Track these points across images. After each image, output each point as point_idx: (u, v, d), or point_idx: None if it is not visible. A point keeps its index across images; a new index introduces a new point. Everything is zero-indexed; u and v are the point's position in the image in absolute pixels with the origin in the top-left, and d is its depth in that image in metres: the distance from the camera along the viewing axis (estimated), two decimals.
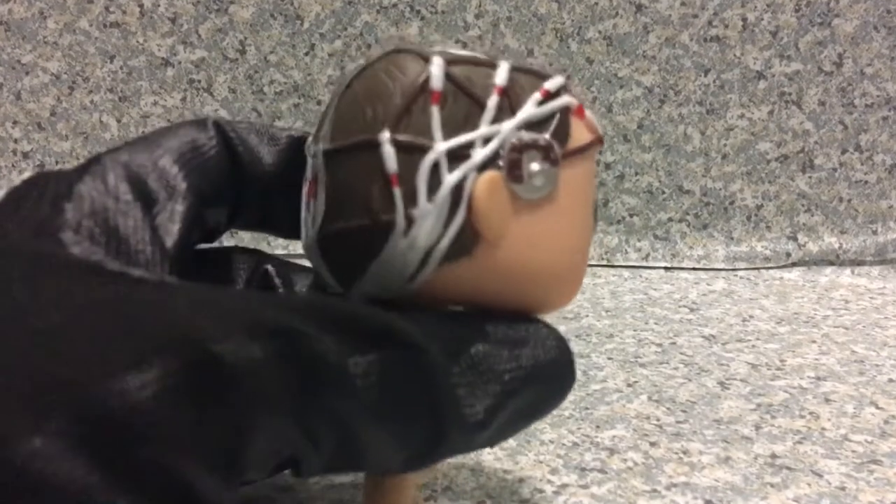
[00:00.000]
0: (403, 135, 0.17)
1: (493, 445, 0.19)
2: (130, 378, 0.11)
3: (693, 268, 0.56)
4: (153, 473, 0.11)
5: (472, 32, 0.54)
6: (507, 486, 0.25)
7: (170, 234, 0.17)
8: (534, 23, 0.54)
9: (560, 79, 0.18)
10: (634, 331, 0.41)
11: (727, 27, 0.55)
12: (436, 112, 0.17)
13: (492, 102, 0.17)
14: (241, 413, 0.13)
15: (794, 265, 0.57)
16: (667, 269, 0.56)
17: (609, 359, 0.37)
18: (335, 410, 0.15)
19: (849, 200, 0.58)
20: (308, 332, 0.14)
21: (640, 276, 0.54)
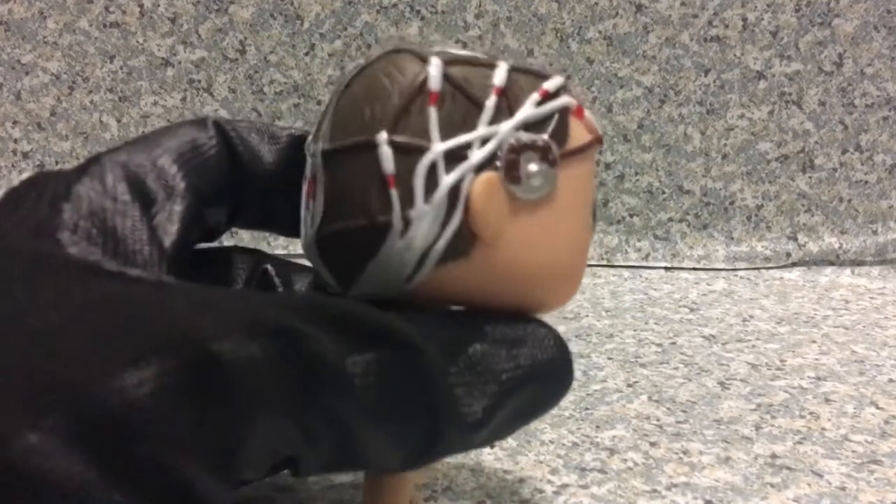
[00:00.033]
0: (401, 136, 0.17)
1: (492, 444, 0.19)
2: (128, 376, 0.11)
3: (693, 268, 0.56)
4: (150, 470, 0.11)
5: (472, 32, 0.54)
6: (507, 487, 0.25)
7: (168, 235, 0.17)
8: (534, 23, 0.54)
9: (559, 79, 0.18)
10: (634, 331, 0.41)
11: (727, 27, 0.55)
12: (433, 113, 0.17)
13: (490, 103, 0.17)
14: (239, 412, 0.13)
15: (795, 265, 0.57)
16: (667, 269, 0.56)
17: (609, 359, 0.37)
18: (333, 410, 0.15)
19: (849, 200, 0.58)
20: (306, 332, 0.14)
21: (641, 276, 0.54)
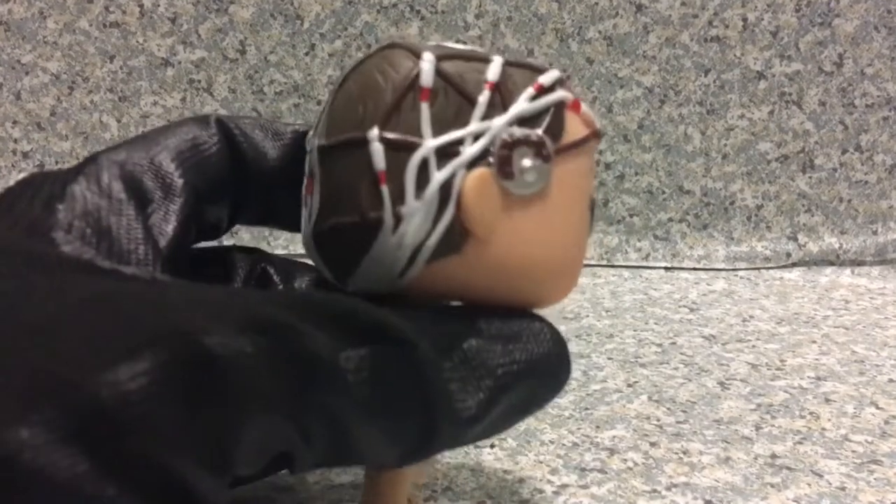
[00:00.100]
0: (392, 132, 0.17)
1: (488, 438, 0.19)
2: (121, 370, 0.11)
3: (693, 268, 0.56)
4: (143, 464, 0.11)
5: (472, 32, 0.54)
6: (507, 487, 0.25)
7: (163, 234, 0.17)
8: (534, 23, 0.54)
9: (555, 73, 0.18)
10: (634, 331, 0.41)
11: (727, 27, 0.55)
12: (425, 109, 0.17)
13: (483, 98, 0.17)
14: (232, 406, 0.13)
15: (795, 265, 0.57)
16: (667, 269, 0.56)
17: (609, 359, 0.37)
18: (327, 406, 0.15)
19: (849, 200, 0.58)
20: (299, 328, 0.14)
21: (641, 276, 0.54)
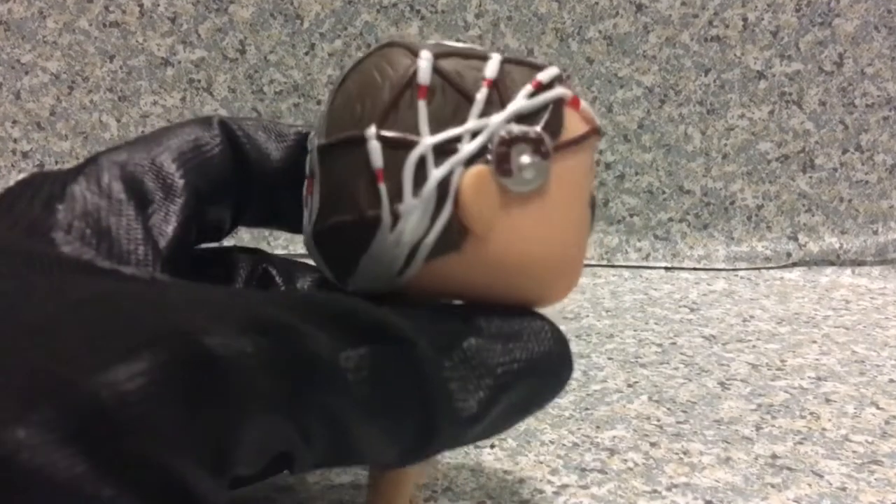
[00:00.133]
0: (390, 130, 0.17)
1: (489, 438, 0.18)
2: (120, 370, 0.11)
3: (693, 268, 0.56)
4: (142, 465, 0.11)
5: (473, 32, 0.54)
6: (508, 487, 0.25)
7: (163, 235, 0.17)
8: (534, 22, 0.54)
9: (554, 70, 0.18)
10: (635, 331, 0.41)
11: (728, 27, 0.55)
12: (422, 107, 0.17)
13: (481, 96, 0.17)
14: (232, 406, 0.13)
15: (795, 265, 0.57)
16: (667, 269, 0.56)
17: (609, 359, 0.37)
18: (327, 405, 0.14)
19: (849, 200, 0.58)
20: (299, 328, 0.14)
21: (641, 276, 0.53)
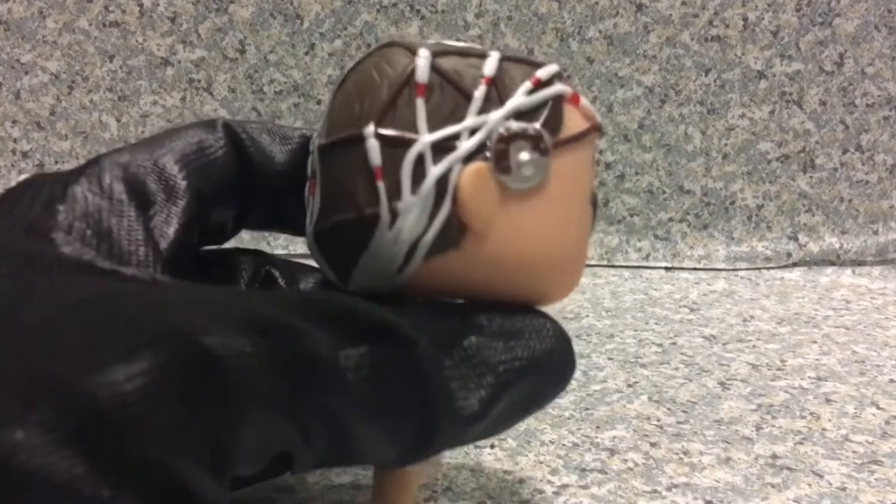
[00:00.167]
0: (388, 128, 0.17)
1: (491, 437, 0.18)
2: (119, 370, 0.11)
3: (694, 268, 0.56)
4: (141, 465, 0.11)
5: (473, 32, 0.54)
6: (508, 487, 0.25)
7: (164, 236, 0.17)
8: (534, 22, 0.54)
9: (553, 67, 0.18)
10: (635, 331, 0.41)
11: (728, 27, 0.55)
12: (421, 105, 0.17)
13: (479, 93, 0.17)
14: (231, 406, 0.13)
15: (795, 265, 0.57)
16: (667, 269, 0.56)
17: (609, 359, 0.37)
18: (327, 405, 0.14)
19: (850, 200, 0.58)
20: (298, 327, 0.14)
21: (641, 276, 0.53)
